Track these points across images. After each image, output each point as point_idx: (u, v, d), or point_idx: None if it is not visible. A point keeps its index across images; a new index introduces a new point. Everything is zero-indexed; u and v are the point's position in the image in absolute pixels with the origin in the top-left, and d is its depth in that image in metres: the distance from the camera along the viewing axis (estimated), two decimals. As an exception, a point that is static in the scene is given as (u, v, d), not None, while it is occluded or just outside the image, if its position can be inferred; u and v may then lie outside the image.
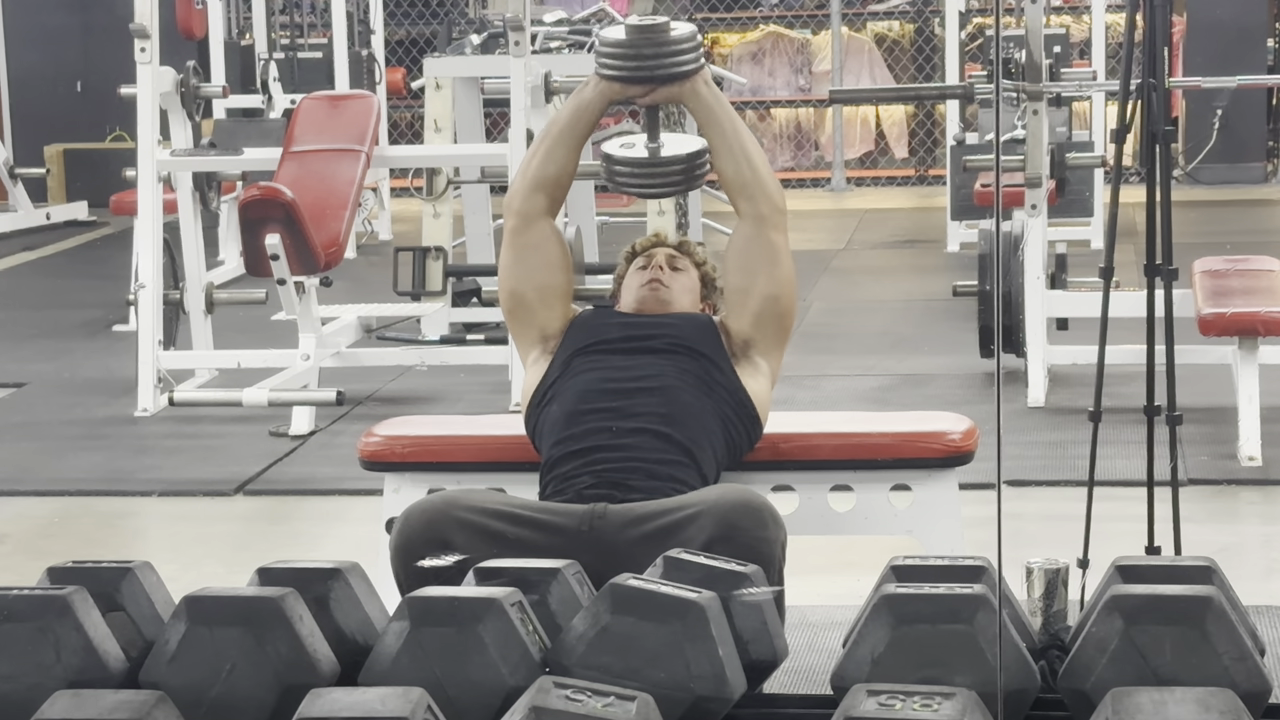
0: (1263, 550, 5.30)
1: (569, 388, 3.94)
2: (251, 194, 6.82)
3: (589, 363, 3.98)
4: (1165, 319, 4.15)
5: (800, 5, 14.13)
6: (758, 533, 3.49)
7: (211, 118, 10.40)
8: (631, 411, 3.85)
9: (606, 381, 3.92)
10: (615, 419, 3.84)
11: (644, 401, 3.87)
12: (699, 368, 3.96)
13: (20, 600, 2.86)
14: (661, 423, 3.84)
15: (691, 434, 3.85)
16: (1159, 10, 4.13)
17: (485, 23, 9.73)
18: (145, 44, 7.12)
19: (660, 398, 3.88)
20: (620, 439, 3.82)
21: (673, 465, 3.79)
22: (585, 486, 3.78)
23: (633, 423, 3.84)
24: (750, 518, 3.52)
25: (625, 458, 3.80)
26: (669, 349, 3.99)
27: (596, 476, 3.78)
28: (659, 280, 4.14)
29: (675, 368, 3.95)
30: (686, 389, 3.91)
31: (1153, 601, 2.77)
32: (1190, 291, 6.37)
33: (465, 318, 8.09)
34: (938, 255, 10.44)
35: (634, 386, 3.90)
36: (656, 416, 3.85)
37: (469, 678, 2.76)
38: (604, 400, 3.88)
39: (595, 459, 3.81)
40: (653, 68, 4.05)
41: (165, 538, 5.84)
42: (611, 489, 3.75)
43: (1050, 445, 6.20)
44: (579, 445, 3.84)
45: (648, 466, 3.78)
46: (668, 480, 3.77)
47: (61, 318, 9.18)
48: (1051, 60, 7.78)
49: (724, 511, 3.53)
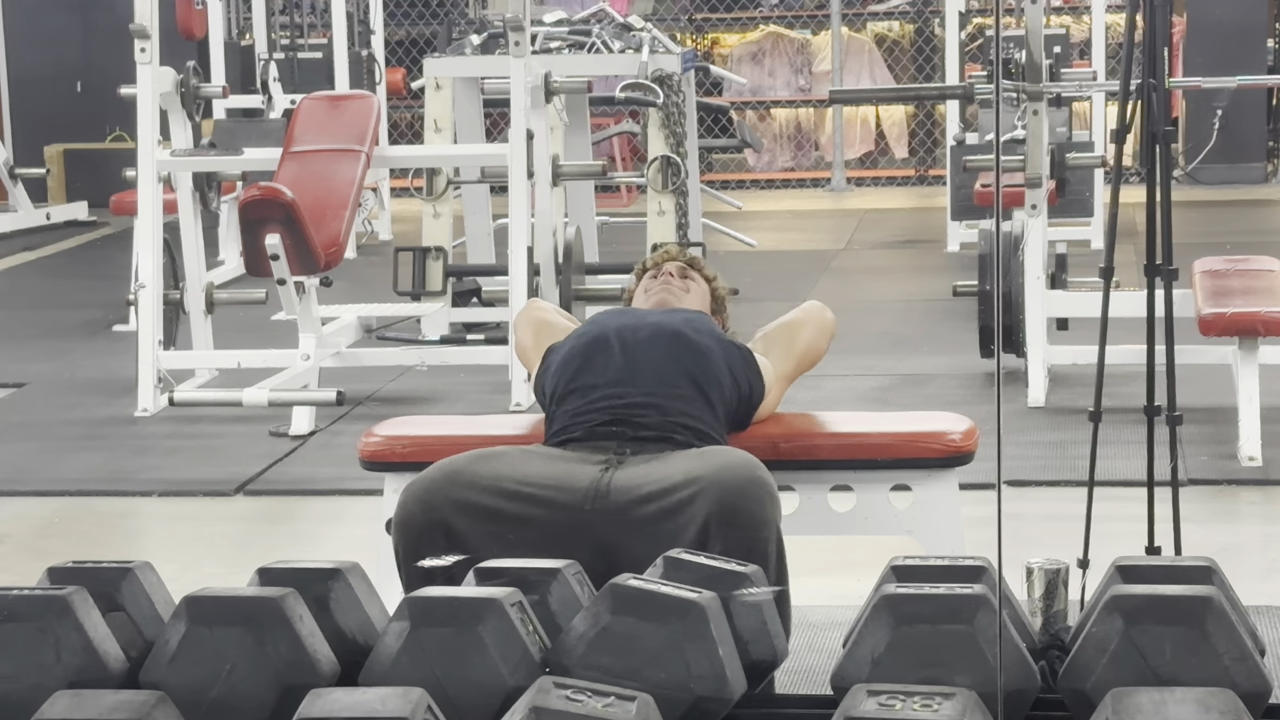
0: (1263, 550, 5.30)
1: (579, 337, 4.02)
2: (251, 194, 6.82)
3: (596, 322, 4.08)
4: (1165, 319, 4.15)
5: (800, 5, 14.13)
6: (757, 515, 3.55)
7: (211, 118, 10.41)
8: (642, 350, 3.91)
9: (618, 331, 3.99)
10: (623, 356, 3.90)
11: (654, 343, 3.95)
12: (701, 319, 4.08)
13: (20, 600, 2.86)
14: (671, 359, 3.90)
15: (701, 368, 3.92)
16: (1159, 10, 4.14)
17: (485, 23, 9.73)
18: (145, 44, 7.12)
19: (670, 339, 3.96)
20: (629, 372, 3.86)
21: (683, 400, 3.84)
22: (596, 423, 3.81)
23: (643, 357, 3.88)
24: (749, 498, 3.56)
25: (636, 391, 3.83)
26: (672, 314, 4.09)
27: (608, 413, 3.81)
28: (669, 285, 4.21)
29: (680, 319, 4.04)
30: (692, 332, 4.00)
31: (1153, 601, 2.77)
32: (1190, 291, 6.37)
33: (465, 318, 8.09)
34: (938, 255, 10.44)
35: (645, 335, 3.98)
36: (667, 354, 3.91)
37: (469, 678, 2.76)
38: (613, 340, 3.96)
39: (606, 394, 3.84)
40: None
41: (165, 538, 5.84)
42: (622, 425, 3.78)
43: (1050, 445, 6.20)
44: (587, 380, 3.88)
45: (658, 401, 3.81)
46: (679, 416, 3.81)
47: (61, 318, 9.18)
48: (1051, 60, 7.78)
49: (724, 493, 3.56)
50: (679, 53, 9.16)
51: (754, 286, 9.23)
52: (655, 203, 8.56)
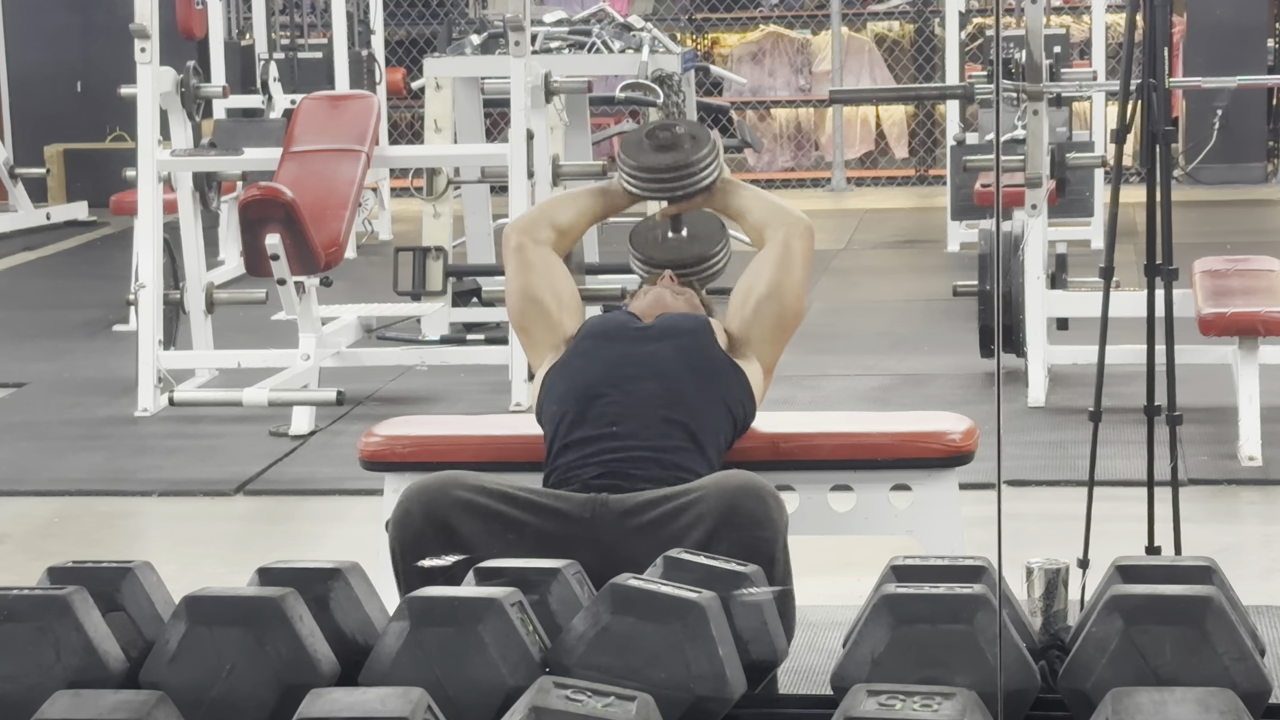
0: (1263, 550, 5.30)
1: (573, 379, 3.96)
2: (251, 194, 6.82)
3: (592, 353, 4.01)
4: (1165, 319, 4.15)
5: (800, 5, 14.13)
6: (760, 514, 3.53)
7: (211, 118, 10.40)
8: (635, 399, 3.88)
9: (609, 370, 3.93)
10: (619, 407, 3.86)
11: (647, 387, 3.89)
12: (696, 345, 4.00)
13: (20, 600, 2.86)
14: (665, 407, 3.86)
15: (696, 415, 3.87)
16: (1159, 10, 4.13)
17: (485, 23, 9.73)
18: (145, 44, 7.12)
19: (663, 382, 3.91)
20: (624, 426, 3.84)
21: (678, 452, 3.81)
22: (591, 477, 3.79)
23: (636, 409, 3.86)
24: (752, 498, 3.55)
25: (630, 446, 3.81)
26: (665, 335, 4.03)
27: (602, 466, 3.79)
28: (664, 289, 4.21)
29: (675, 348, 3.98)
30: (687, 371, 3.94)
31: (1153, 601, 2.77)
32: (1190, 291, 6.37)
33: (465, 318, 8.09)
34: (938, 255, 10.44)
35: (636, 373, 3.92)
36: (660, 401, 3.87)
37: (469, 678, 2.76)
38: (607, 387, 3.90)
39: (600, 449, 3.82)
40: (675, 188, 4.25)
41: (165, 538, 5.84)
42: (617, 480, 3.77)
43: (1050, 445, 6.20)
44: (583, 434, 3.85)
45: (653, 455, 3.79)
46: (673, 469, 3.78)
47: (61, 318, 9.18)
48: (1051, 60, 7.78)
49: (726, 494, 3.56)
50: (679, 53, 9.16)
51: (754, 286, 9.24)
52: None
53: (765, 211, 4.23)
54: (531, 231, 4.25)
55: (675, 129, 4.24)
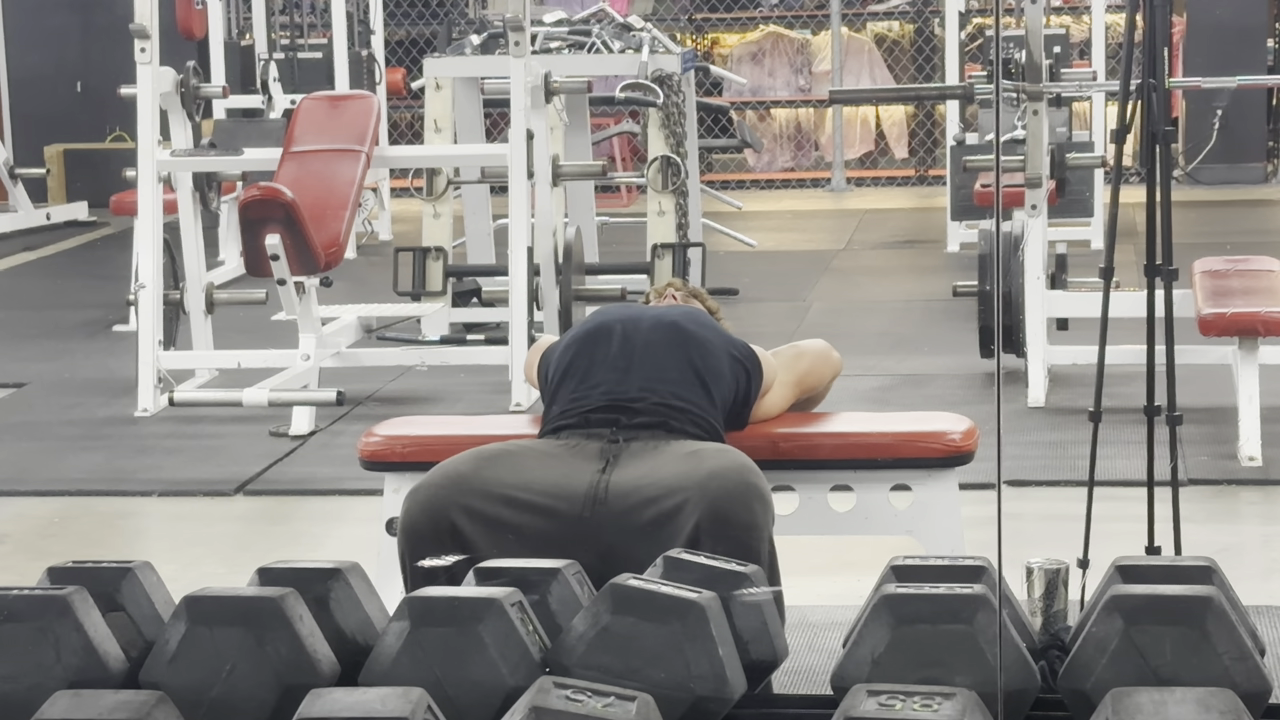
0: (1263, 550, 5.30)
1: (581, 326, 4.06)
2: (251, 194, 6.82)
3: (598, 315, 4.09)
4: (1165, 319, 4.15)
5: (800, 5, 14.13)
6: (745, 519, 3.57)
7: (211, 118, 10.40)
8: (643, 338, 3.92)
9: (620, 320, 4.01)
10: (623, 341, 3.92)
11: (655, 332, 3.96)
12: (708, 320, 4.10)
13: (20, 600, 2.86)
14: (672, 346, 3.92)
15: (702, 357, 3.93)
16: (1159, 10, 4.13)
17: (485, 23, 9.73)
18: (145, 44, 7.12)
19: (671, 329, 3.98)
20: (630, 359, 3.87)
21: (682, 386, 3.84)
22: (592, 408, 3.81)
23: (644, 345, 3.91)
24: (738, 502, 3.58)
25: (635, 378, 3.84)
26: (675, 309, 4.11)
27: (605, 398, 3.82)
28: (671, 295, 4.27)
29: (682, 313, 4.06)
30: (694, 324, 4.01)
31: (1153, 601, 2.77)
32: (1190, 291, 6.37)
33: (465, 318, 8.09)
34: (938, 255, 10.44)
35: (646, 324, 3.99)
36: (667, 342, 3.93)
37: (469, 678, 2.76)
38: (617, 328, 3.98)
39: (604, 379, 3.85)
40: None
41: (165, 538, 5.84)
42: (619, 413, 3.79)
43: (1050, 445, 6.20)
44: (588, 364, 3.89)
45: (656, 387, 3.82)
46: (676, 402, 3.81)
47: (61, 318, 9.18)
48: (1051, 60, 7.78)
49: (712, 499, 3.58)
50: (679, 53, 9.16)
51: (754, 287, 9.25)
52: (655, 203, 8.56)
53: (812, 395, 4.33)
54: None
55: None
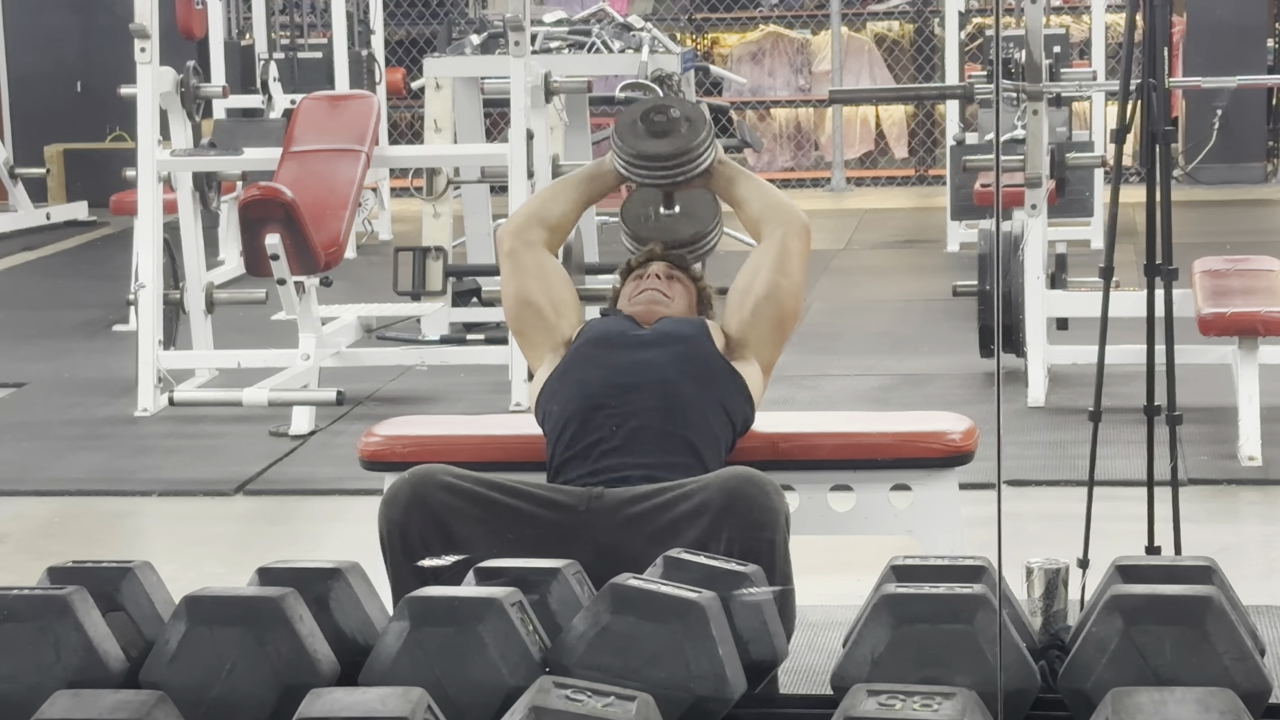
0: (1263, 550, 5.30)
1: (573, 388, 3.95)
2: (251, 194, 6.82)
3: (592, 360, 3.99)
4: (1165, 319, 4.15)
5: (800, 5, 14.13)
6: (760, 500, 3.55)
7: (211, 118, 10.40)
8: (632, 410, 3.86)
9: (609, 379, 3.92)
10: (616, 419, 3.85)
11: (646, 398, 3.88)
12: (695, 352, 3.99)
13: (20, 600, 2.86)
14: (662, 419, 3.85)
15: (694, 425, 3.87)
16: (1159, 10, 4.13)
17: (485, 23, 9.73)
18: (145, 44, 7.12)
19: (662, 391, 3.90)
20: (624, 440, 3.83)
21: (677, 468, 3.80)
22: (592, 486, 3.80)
23: (634, 421, 3.85)
24: (753, 485, 3.57)
25: (627, 461, 3.81)
26: (663, 341, 4.01)
27: (600, 480, 3.79)
28: (656, 289, 4.16)
29: (673, 355, 3.97)
30: (686, 379, 3.93)
31: (1153, 601, 2.77)
32: (1190, 291, 6.37)
33: (465, 318, 8.08)
34: (938, 255, 10.44)
35: (635, 382, 3.91)
36: (659, 413, 3.86)
37: (469, 678, 2.76)
38: (606, 398, 3.89)
39: (599, 466, 3.81)
40: (671, 175, 4.21)
41: (165, 538, 5.84)
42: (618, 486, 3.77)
43: (1050, 445, 6.20)
44: (584, 446, 3.85)
45: (650, 471, 3.79)
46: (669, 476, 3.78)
47: (61, 318, 9.18)
48: (1051, 60, 7.78)
49: (727, 483, 3.57)
50: (679, 53, 9.16)
51: (754, 286, 9.23)
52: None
53: (762, 205, 4.20)
54: (523, 234, 4.24)
55: (670, 112, 4.20)
